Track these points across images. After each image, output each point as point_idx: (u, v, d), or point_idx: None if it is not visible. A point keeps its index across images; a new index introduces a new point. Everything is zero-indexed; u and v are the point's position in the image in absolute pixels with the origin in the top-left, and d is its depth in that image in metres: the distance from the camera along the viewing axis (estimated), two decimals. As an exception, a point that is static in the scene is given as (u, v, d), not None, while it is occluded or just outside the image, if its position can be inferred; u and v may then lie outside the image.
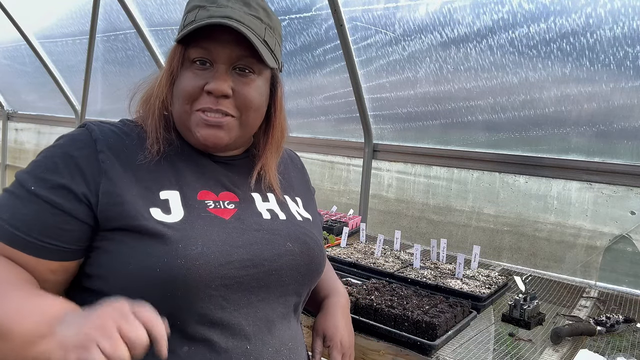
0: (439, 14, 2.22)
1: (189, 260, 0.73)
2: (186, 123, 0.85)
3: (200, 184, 0.85)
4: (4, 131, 5.55)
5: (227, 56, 0.82)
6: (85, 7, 3.59)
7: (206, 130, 0.83)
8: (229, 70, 0.83)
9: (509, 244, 2.42)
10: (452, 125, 2.51)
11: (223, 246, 0.78)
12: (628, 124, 2.02)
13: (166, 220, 0.76)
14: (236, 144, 0.92)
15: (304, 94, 2.96)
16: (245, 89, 0.84)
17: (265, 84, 0.89)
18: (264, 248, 0.83)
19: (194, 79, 0.82)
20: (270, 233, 0.85)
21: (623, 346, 1.44)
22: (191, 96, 0.82)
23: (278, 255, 0.84)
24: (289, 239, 0.87)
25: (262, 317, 0.82)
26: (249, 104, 0.85)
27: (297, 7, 2.62)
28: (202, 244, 0.76)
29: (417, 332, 1.36)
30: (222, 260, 0.77)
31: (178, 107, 0.85)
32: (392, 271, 1.87)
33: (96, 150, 0.78)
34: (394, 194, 2.82)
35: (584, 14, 1.89)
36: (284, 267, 0.84)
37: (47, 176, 0.75)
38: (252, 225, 0.85)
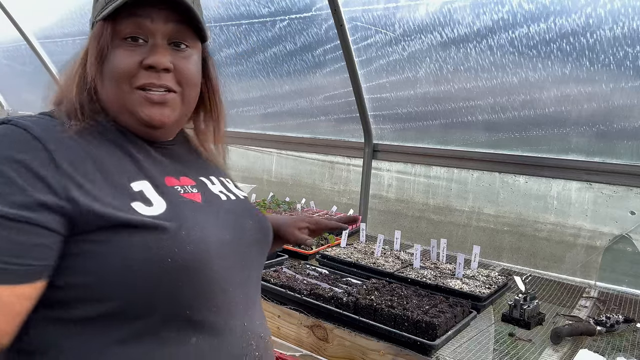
0: (439, 14, 2.22)
1: (196, 245, 0.72)
2: (126, 104, 0.77)
3: (160, 171, 0.81)
4: (4, 131, 5.55)
5: (163, 28, 0.77)
6: (85, 7, 3.59)
7: (151, 109, 0.77)
8: (166, 44, 0.79)
9: (509, 244, 2.42)
10: (452, 125, 2.51)
11: (215, 228, 0.78)
12: (628, 124, 2.02)
13: (152, 213, 0.72)
14: (176, 125, 0.87)
15: (304, 94, 2.96)
16: (184, 62, 0.80)
17: (199, 58, 0.85)
18: (236, 227, 0.84)
19: (128, 55, 0.76)
20: (234, 213, 0.86)
21: (623, 346, 1.44)
22: (129, 73, 0.76)
23: (245, 232, 0.86)
24: (248, 216, 0.89)
25: (247, 294, 0.84)
26: (190, 78, 0.81)
27: (297, 7, 2.62)
28: (200, 229, 0.75)
29: (417, 332, 1.36)
30: (219, 241, 0.77)
31: (113, 88, 0.77)
32: (392, 271, 1.87)
33: (47, 150, 0.67)
34: (394, 194, 2.82)
35: (584, 14, 1.89)
36: (252, 243, 0.87)
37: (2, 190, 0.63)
38: (220, 207, 0.85)
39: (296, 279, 1.77)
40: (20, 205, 0.63)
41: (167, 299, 0.70)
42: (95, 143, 0.75)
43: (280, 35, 2.78)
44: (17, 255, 0.62)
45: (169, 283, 0.69)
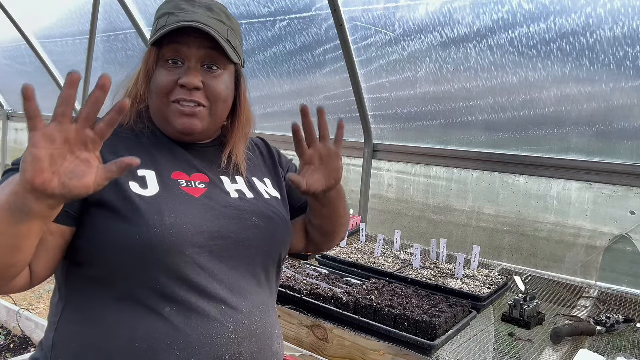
0: (439, 14, 2.22)
1: (164, 229, 0.83)
2: (164, 114, 0.95)
3: (173, 165, 0.95)
4: (4, 131, 5.55)
5: (196, 54, 0.93)
6: (85, 7, 3.59)
7: (182, 119, 0.93)
8: (199, 67, 0.94)
9: (509, 244, 2.42)
10: (452, 125, 2.51)
11: (194, 219, 0.88)
12: (628, 124, 2.02)
13: (143, 193, 0.86)
14: (207, 133, 1.01)
15: (304, 94, 2.95)
16: (214, 82, 0.95)
17: (230, 78, 0.99)
18: (230, 222, 0.92)
19: (168, 75, 0.93)
20: (237, 209, 0.95)
21: (623, 346, 1.44)
22: (167, 89, 0.92)
23: (244, 229, 0.93)
24: (255, 214, 0.96)
25: (234, 284, 0.91)
26: (217, 95, 0.95)
27: (297, 7, 2.62)
28: (175, 216, 0.86)
29: (417, 332, 1.36)
30: (193, 230, 0.87)
31: (156, 100, 0.94)
32: (392, 271, 1.88)
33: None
34: (394, 194, 2.82)
35: (584, 14, 1.89)
36: (251, 239, 0.94)
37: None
38: (221, 202, 0.94)
39: (296, 279, 1.77)
40: None
41: (137, 270, 0.83)
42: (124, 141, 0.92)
43: (280, 35, 2.78)
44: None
45: (137, 257, 0.82)
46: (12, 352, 2.61)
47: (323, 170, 1.00)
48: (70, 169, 0.66)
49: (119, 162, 0.67)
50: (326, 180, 0.98)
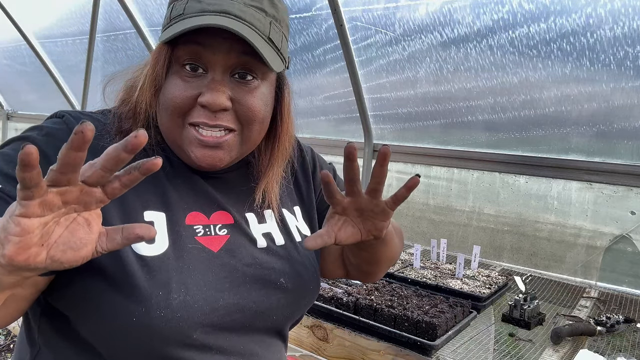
0: (439, 14, 2.21)
1: (169, 312, 0.63)
2: (176, 139, 0.70)
3: (189, 204, 0.72)
4: (4, 131, 5.55)
5: (223, 61, 0.67)
6: (85, 7, 3.59)
7: (202, 151, 0.68)
8: (227, 78, 0.68)
9: (510, 244, 2.42)
10: (452, 125, 2.51)
11: (208, 291, 0.67)
12: (628, 124, 2.01)
13: (147, 253, 0.64)
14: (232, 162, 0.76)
15: (304, 94, 2.95)
16: (247, 98, 0.69)
17: (270, 90, 0.75)
18: (252, 288, 0.71)
19: (184, 88, 0.67)
20: (263, 268, 0.74)
21: (623, 346, 1.44)
22: (182, 109, 0.67)
23: (267, 295, 0.73)
24: (283, 273, 0.75)
25: (245, 352, 0.73)
26: (252, 116, 0.70)
27: (297, 7, 2.62)
28: (185, 291, 0.65)
29: (417, 332, 1.36)
30: (207, 308, 0.66)
31: (166, 119, 0.69)
32: (392, 271, 1.87)
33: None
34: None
35: (584, 14, 1.89)
36: (273, 306, 0.74)
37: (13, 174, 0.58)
38: (244, 258, 0.73)
39: (296, 279, 1.77)
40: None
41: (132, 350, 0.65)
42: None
43: (280, 35, 2.78)
44: None
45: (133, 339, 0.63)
46: (12, 352, 2.60)
47: (360, 224, 0.72)
48: (64, 237, 0.48)
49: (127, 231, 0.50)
50: (363, 235, 0.72)
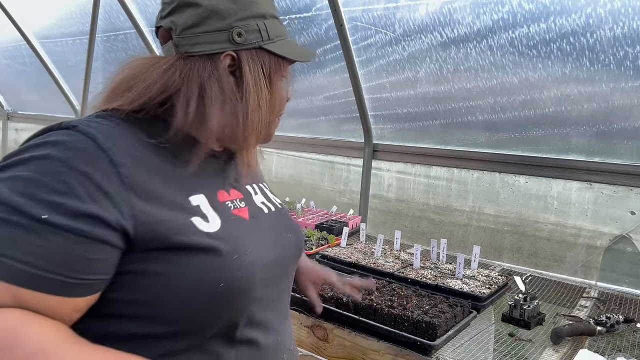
0: (439, 14, 2.22)
1: (246, 270, 0.74)
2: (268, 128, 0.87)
3: (215, 184, 0.82)
4: (4, 131, 5.55)
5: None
6: (85, 7, 3.59)
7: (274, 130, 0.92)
8: None
9: (510, 244, 2.42)
10: (452, 125, 2.51)
11: (261, 249, 0.80)
12: (628, 124, 2.02)
13: (209, 230, 0.73)
14: None
15: (304, 94, 2.95)
16: None
17: None
18: (277, 244, 0.86)
19: (284, 91, 0.89)
20: (275, 228, 0.88)
21: (623, 346, 1.44)
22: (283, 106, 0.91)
23: (285, 249, 0.88)
24: (286, 230, 0.91)
25: (281, 309, 0.87)
26: None
27: (297, 7, 2.62)
28: (250, 252, 0.76)
29: (417, 332, 1.36)
30: (264, 263, 0.79)
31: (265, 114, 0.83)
32: (392, 271, 1.87)
33: (113, 163, 0.66)
34: (394, 194, 2.82)
35: (584, 14, 1.89)
36: (288, 258, 0.89)
37: (61, 200, 0.61)
38: (264, 222, 0.86)
39: (296, 279, 1.77)
40: (81, 217, 0.61)
41: (214, 319, 0.72)
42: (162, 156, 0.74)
43: (280, 35, 2.78)
44: (73, 268, 0.61)
45: (218, 305, 0.71)
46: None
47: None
48: None
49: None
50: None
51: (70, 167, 0.63)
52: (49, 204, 0.61)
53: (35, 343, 0.57)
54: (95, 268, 0.63)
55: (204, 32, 0.77)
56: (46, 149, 0.65)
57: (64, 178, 0.62)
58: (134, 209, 0.66)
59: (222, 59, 0.78)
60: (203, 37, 0.77)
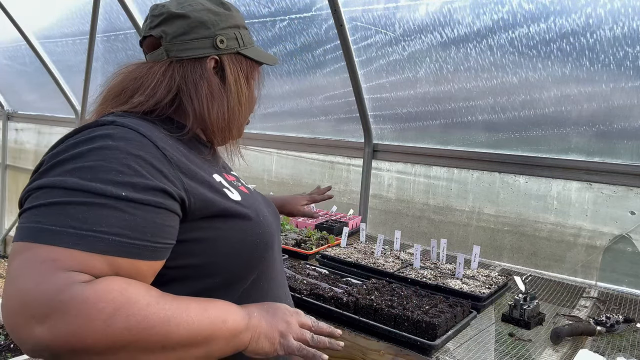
0: (439, 14, 2.22)
1: (268, 227, 0.92)
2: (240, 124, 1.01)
3: (220, 168, 0.98)
4: (4, 131, 5.55)
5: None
6: (85, 7, 3.59)
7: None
8: None
9: (510, 244, 2.42)
10: (452, 125, 2.51)
11: (269, 210, 0.99)
12: (628, 124, 2.02)
13: (237, 199, 0.89)
14: None
15: (304, 94, 2.95)
16: None
17: None
18: (272, 214, 1.02)
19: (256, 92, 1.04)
20: (263, 204, 1.02)
21: (623, 346, 1.44)
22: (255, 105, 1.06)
23: (276, 218, 1.05)
24: (268, 206, 1.05)
25: (282, 269, 1.05)
26: None
27: (297, 7, 2.62)
28: (265, 215, 0.94)
29: (417, 332, 1.36)
30: (274, 225, 0.97)
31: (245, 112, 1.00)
32: (392, 271, 1.88)
33: (158, 147, 0.77)
34: (394, 194, 2.82)
35: (584, 14, 1.89)
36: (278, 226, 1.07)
37: (131, 180, 0.71)
38: (257, 197, 1.02)
39: (296, 279, 1.77)
40: (151, 191, 0.72)
41: (251, 272, 0.89)
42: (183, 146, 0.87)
43: (280, 35, 2.78)
44: (157, 234, 0.72)
45: (257, 259, 0.89)
46: (12, 352, 2.61)
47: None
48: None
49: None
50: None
51: (127, 152, 0.73)
52: (123, 183, 0.70)
53: (144, 297, 0.67)
54: (170, 233, 0.75)
55: (193, 39, 0.91)
56: (97, 142, 0.73)
57: (126, 162, 0.72)
58: (184, 183, 0.78)
59: (208, 62, 0.92)
60: (191, 43, 0.91)
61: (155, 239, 0.71)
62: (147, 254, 0.70)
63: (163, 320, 0.66)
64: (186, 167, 0.80)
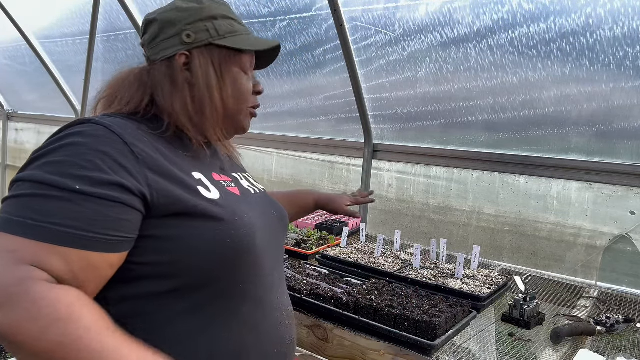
0: (439, 14, 2.22)
1: (247, 228, 0.87)
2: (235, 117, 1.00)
3: (209, 168, 0.96)
4: (4, 131, 5.55)
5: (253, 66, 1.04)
6: (85, 7, 3.59)
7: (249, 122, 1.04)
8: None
9: (510, 244, 2.42)
10: (452, 125, 2.51)
11: (254, 216, 0.92)
12: (628, 124, 2.02)
13: (212, 197, 0.86)
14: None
15: (304, 94, 2.95)
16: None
17: None
18: (266, 216, 0.99)
19: (248, 83, 1.01)
20: (263, 205, 1.02)
21: (623, 346, 1.44)
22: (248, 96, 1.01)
23: (272, 221, 1.02)
24: (272, 207, 1.05)
25: (279, 272, 1.01)
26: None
27: (297, 7, 2.62)
28: (247, 216, 0.89)
29: (417, 332, 1.36)
30: (260, 226, 0.92)
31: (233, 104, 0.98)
32: (392, 271, 1.87)
33: (126, 144, 0.80)
34: (394, 194, 2.82)
35: (584, 14, 1.89)
36: (277, 229, 1.04)
37: (89, 174, 0.74)
38: (252, 199, 1.00)
39: (296, 279, 1.77)
40: (107, 185, 0.74)
41: (225, 274, 0.85)
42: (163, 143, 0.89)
43: (280, 35, 2.78)
44: (108, 227, 0.74)
45: (228, 261, 0.84)
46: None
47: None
48: None
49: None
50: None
51: (92, 149, 0.76)
52: (80, 177, 0.73)
53: (87, 320, 0.68)
54: (125, 227, 0.76)
55: (162, 40, 0.94)
56: (70, 139, 0.78)
57: (89, 157, 0.75)
58: (148, 179, 0.79)
59: (177, 58, 0.93)
60: (162, 44, 0.94)
61: (106, 232, 0.73)
62: (96, 245, 0.73)
63: (94, 350, 0.66)
64: (155, 163, 0.81)
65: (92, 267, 0.73)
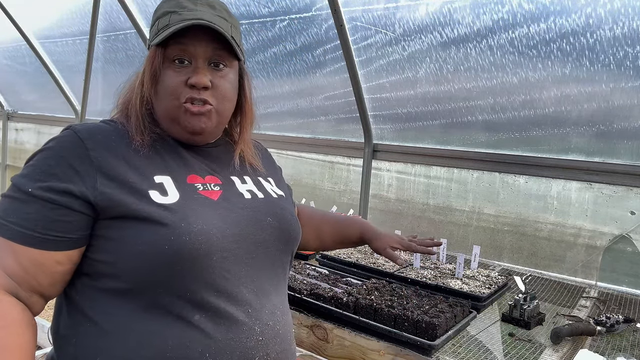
0: (439, 14, 2.22)
1: (193, 236, 0.84)
2: (174, 115, 0.94)
3: (187, 170, 0.95)
4: (4, 131, 5.55)
5: (203, 52, 0.93)
6: (85, 7, 3.59)
7: (193, 119, 0.93)
8: (206, 66, 0.94)
9: (510, 244, 2.42)
10: (452, 125, 2.51)
11: (217, 223, 0.89)
12: (628, 124, 2.02)
13: (165, 201, 0.86)
14: (214, 133, 1.02)
15: (304, 94, 2.96)
16: (221, 81, 0.95)
17: (235, 76, 1.00)
18: (248, 223, 0.94)
19: (177, 76, 0.92)
20: (252, 210, 0.97)
21: (623, 346, 1.44)
22: (177, 91, 0.92)
23: (261, 230, 0.96)
24: (269, 214, 0.99)
25: (258, 286, 0.93)
26: (224, 94, 0.96)
27: (297, 7, 2.62)
28: (202, 222, 0.86)
29: (417, 332, 1.36)
30: (219, 235, 0.87)
31: (165, 102, 0.94)
32: (392, 271, 1.88)
33: (86, 149, 0.85)
34: (394, 194, 2.82)
35: (584, 14, 1.89)
36: (268, 240, 0.97)
37: (43, 177, 0.83)
38: (237, 204, 0.96)
39: (296, 279, 1.77)
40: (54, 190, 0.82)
41: (167, 280, 0.83)
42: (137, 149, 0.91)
43: (280, 35, 2.78)
44: (49, 227, 0.81)
45: (167, 267, 0.82)
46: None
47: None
48: None
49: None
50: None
51: (54, 154, 0.85)
52: (35, 180, 0.83)
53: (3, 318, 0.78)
54: (65, 228, 0.82)
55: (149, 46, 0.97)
56: (47, 144, 0.87)
57: (48, 162, 0.84)
58: (97, 183, 0.83)
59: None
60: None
61: (45, 231, 0.81)
62: (36, 243, 0.81)
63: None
64: (110, 167, 0.85)
65: (38, 263, 0.81)
